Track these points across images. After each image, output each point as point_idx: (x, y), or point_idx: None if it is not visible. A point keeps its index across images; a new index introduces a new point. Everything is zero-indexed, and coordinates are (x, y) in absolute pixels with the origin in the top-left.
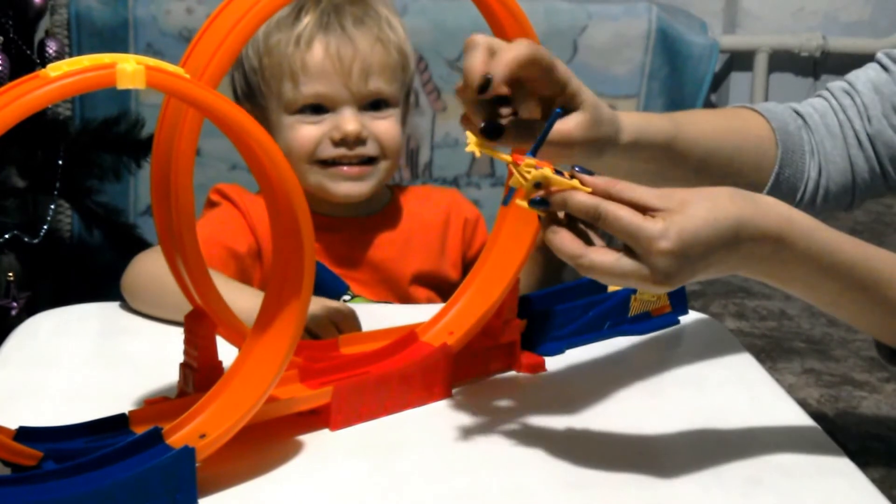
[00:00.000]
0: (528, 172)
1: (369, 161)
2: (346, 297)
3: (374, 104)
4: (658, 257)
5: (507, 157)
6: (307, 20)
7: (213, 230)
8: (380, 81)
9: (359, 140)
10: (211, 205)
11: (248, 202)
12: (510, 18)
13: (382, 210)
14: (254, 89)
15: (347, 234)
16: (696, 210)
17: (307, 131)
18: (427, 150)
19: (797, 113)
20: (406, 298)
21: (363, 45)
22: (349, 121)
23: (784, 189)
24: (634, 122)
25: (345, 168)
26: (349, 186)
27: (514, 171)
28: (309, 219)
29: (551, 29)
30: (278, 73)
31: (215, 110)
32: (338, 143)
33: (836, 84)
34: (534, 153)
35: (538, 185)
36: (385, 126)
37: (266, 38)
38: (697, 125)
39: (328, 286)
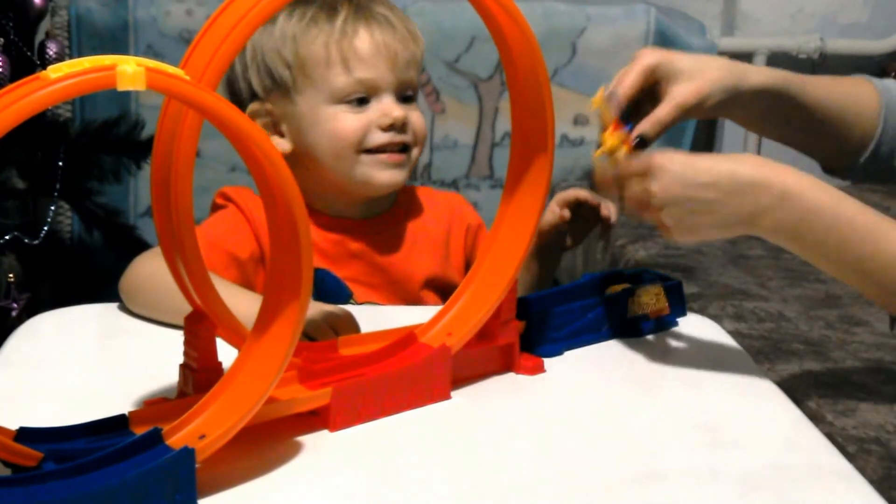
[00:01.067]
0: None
1: (404, 149)
2: (351, 305)
3: (405, 94)
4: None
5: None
6: (344, 13)
7: (216, 234)
8: (413, 71)
9: (403, 127)
10: (215, 208)
11: (252, 205)
12: (508, 20)
13: (390, 210)
14: (281, 84)
15: (357, 234)
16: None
17: (353, 120)
18: (426, 152)
19: None
20: (415, 303)
21: (401, 34)
22: (395, 107)
23: (874, 169)
24: (750, 71)
25: (389, 155)
26: (391, 174)
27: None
28: (307, 220)
29: (550, 31)
30: (324, 61)
31: (215, 112)
32: (385, 130)
33: None
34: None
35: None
36: (416, 115)
37: (303, 32)
38: (816, 85)
39: (332, 293)
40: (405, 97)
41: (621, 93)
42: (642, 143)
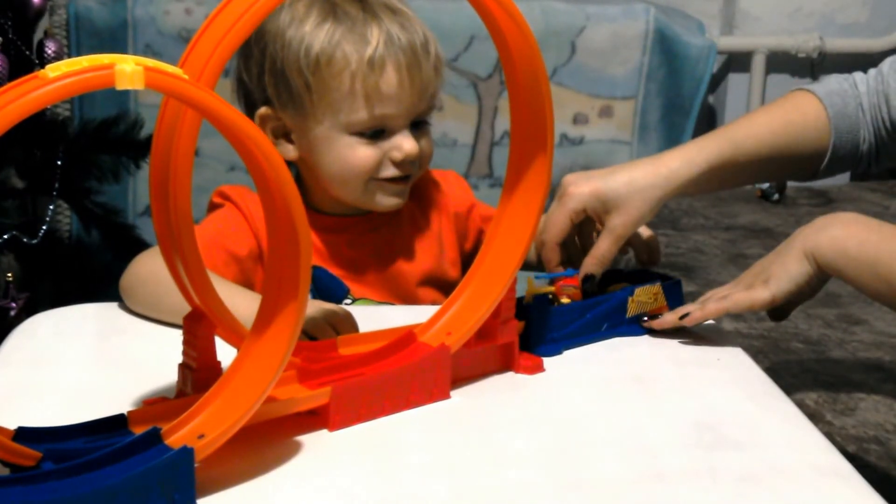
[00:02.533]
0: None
1: (410, 176)
2: (348, 301)
3: (418, 121)
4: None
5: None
6: (374, 42)
7: (215, 233)
8: (433, 99)
9: (413, 160)
10: (213, 207)
11: (250, 203)
12: (507, 19)
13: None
14: (297, 100)
15: (353, 234)
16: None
17: (367, 153)
18: None
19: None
20: (412, 299)
21: (431, 63)
22: (407, 141)
23: (838, 168)
24: (681, 168)
25: (395, 184)
26: (395, 200)
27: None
28: (305, 220)
29: (549, 30)
30: (348, 94)
31: (214, 111)
32: (398, 163)
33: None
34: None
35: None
36: (426, 143)
37: (329, 56)
38: (755, 135)
39: (329, 290)
40: (418, 122)
41: (550, 243)
42: (590, 280)
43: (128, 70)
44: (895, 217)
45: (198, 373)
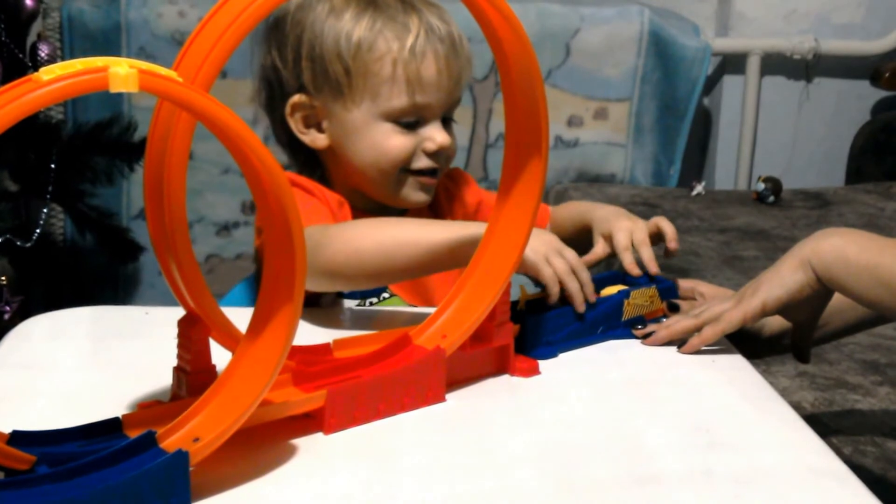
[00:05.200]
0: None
1: (437, 171)
2: (386, 295)
3: (445, 117)
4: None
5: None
6: (415, 30)
7: (313, 206)
8: (461, 93)
9: (445, 152)
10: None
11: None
12: (502, 21)
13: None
14: (335, 85)
15: None
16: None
17: (401, 142)
18: None
19: None
20: (429, 297)
21: (465, 55)
22: (440, 133)
23: None
24: None
25: (427, 178)
26: (424, 196)
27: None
28: (301, 223)
29: (544, 32)
30: (389, 80)
31: (208, 114)
32: (430, 155)
33: None
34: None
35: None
36: (453, 138)
37: (371, 43)
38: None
39: None
40: (445, 118)
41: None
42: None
43: (122, 73)
44: (891, 219)
45: (193, 376)
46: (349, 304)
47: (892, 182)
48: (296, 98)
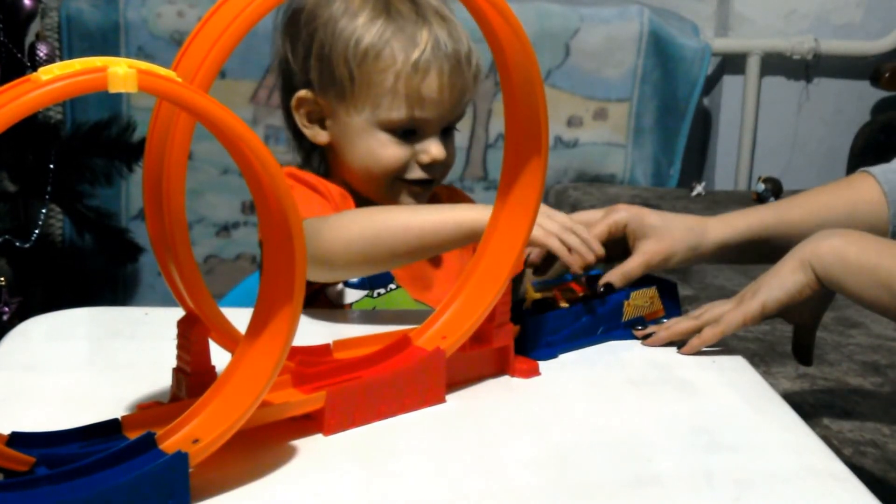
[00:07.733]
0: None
1: (431, 181)
2: (393, 287)
3: (447, 128)
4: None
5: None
6: (423, 45)
7: (313, 199)
8: (464, 108)
9: (440, 165)
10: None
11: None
12: (501, 21)
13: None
14: (339, 87)
15: None
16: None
17: (396, 152)
18: None
19: None
20: (430, 292)
21: (472, 72)
22: (436, 146)
23: None
24: (719, 228)
25: (419, 188)
26: (412, 201)
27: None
28: (300, 223)
29: (543, 32)
30: (390, 92)
31: (207, 114)
32: (424, 167)
33: None
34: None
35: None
36: (451, 150)
37: (377, 52)
38: (805, 206)
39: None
40: (446, 128)
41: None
42: (608, 288)
43: (121, 73)
44: None
45: (192, 377)
46: (352, 297)
47: None
48: (302, 93)
